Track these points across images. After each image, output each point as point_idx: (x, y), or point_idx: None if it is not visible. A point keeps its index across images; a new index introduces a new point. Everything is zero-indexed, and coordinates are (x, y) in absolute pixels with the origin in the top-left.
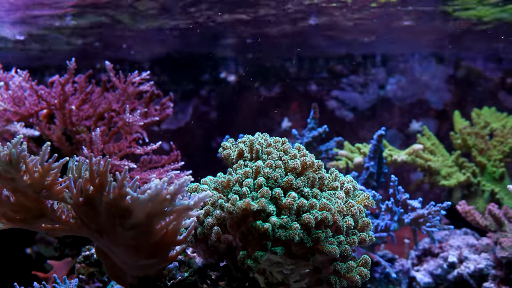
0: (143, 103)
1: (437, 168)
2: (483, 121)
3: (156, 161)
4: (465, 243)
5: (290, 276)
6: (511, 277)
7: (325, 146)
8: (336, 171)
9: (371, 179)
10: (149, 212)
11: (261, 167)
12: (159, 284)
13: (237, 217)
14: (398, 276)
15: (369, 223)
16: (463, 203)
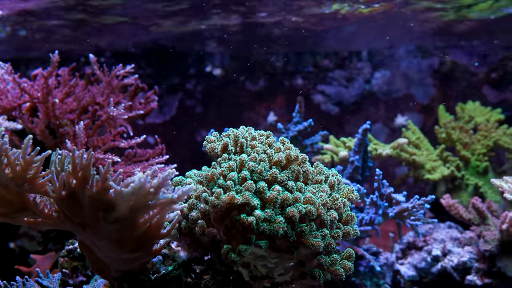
0: (127, 96)
1: (421, 162)
2: (468, 115)
3: (140, 155)
4: (449, 237)
5: (274, 270)
6: (493, 270)
7: (311, 140)
8: (320, 164)
9: (356, 173)
10: (132, 205)
11: (246, 161)
12: (143, 277)
13: (221, 211)
14: (382, 270)
15: (353, 216)
16: (447, 197)
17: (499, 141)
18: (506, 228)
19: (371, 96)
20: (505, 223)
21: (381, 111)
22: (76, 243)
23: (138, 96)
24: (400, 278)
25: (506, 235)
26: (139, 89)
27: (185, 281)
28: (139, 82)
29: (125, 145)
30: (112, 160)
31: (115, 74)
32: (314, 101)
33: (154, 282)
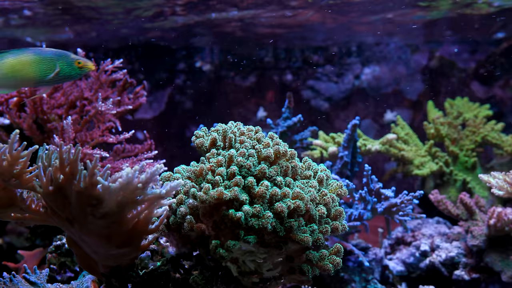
0: (116, 91)
1: (410, 158)
2: (456, 111)
3: (129, 150)
4: (437, 232)
5: (263, 265)
6: (481, 265)
7: (300, 135)
8: (309, 160)
9: (345, 168)
10: (120, 201)
11: (234, 156)
12: (131, 273)
13: (209, 206)
14: (371, 265)
15: (341, 211)
16: (436, 192)
17: (487, 137)
18: (494, 224)
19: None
20: (493, 218)
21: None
22: (64, 239)
23: (127, 91)
24: (389, 273)
25: (493, 230)
26: (128, 84)
27: (174, 277)
28: (127, 77)
29: (114, 140)
30: (100, 156)
31: (104, 69)
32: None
33: (143, 278)
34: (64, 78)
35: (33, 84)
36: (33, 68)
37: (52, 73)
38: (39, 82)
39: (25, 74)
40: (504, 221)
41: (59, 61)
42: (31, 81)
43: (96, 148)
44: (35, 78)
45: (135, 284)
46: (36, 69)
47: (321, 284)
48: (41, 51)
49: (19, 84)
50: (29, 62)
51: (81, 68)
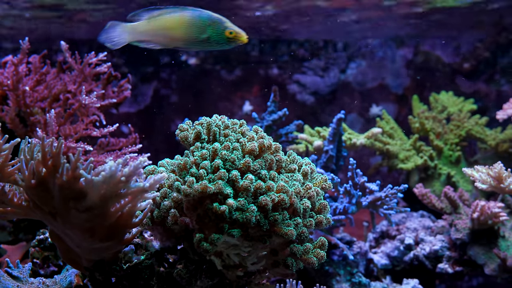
0: (100, 84)
1: (395, 152)
2: (441, 105)
3: (113, 144)
4: (421, 226)
5: (247, 259)
6: (464, 258)
7: (285, 129)
8: (294, 153)
9: (330, 162)
10: (103, 194)
11: (219, 149)
12: (115, 267)
13: (193, 200)
14: (356, 258)
15: (326, 205)
16: (420, 186)
17: (471, 131)
18: (477, 217)
19: (347, 86)
20: (476, 212)
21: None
22: (47, 233)
23: (111, 84)
24: (373, 267)
25: (477, 223)
26: (112, 77)
27: (158, 270)
28: (112, 70)
29: (98, 133)
30: (84, 149)
31: (88, 62)
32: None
33: (126, 272)
34: (211, 45)
35: (181, 44)
36: (184, 29)
37: (200, 37)
38: (187, 44)
39: (175, 33)
40: (487, 214)
41: (210, 27)
42: (179, 41)
43: (80, 141)
44: (183, 39)
45: (119, 278)
46: (186, 31)
47: (306, 277)
48: (198, 14)
49: (169, 43)
50: (182, 22)
51: (230, 39)
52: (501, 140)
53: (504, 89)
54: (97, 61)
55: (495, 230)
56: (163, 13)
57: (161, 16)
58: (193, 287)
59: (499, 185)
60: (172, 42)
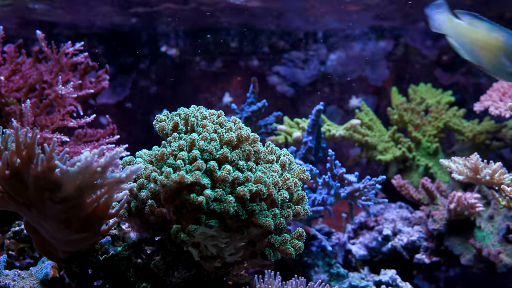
0: (77, 75)
1: (374, 143)
2: (419, 97)
3: (91, 135)
4: (399, 217)
5: (225, 250)
6: (441, 248)
7: (264, 120)
8: (272, 144)
9: (309, 153)
10: (79, 185)
11: (196, 140)
12: (91, 258)
13: (171, 191)
14: (334, 249)
15: (304, 196)
16: (398, 177)
17: (449, 123)
18: (454, 208)
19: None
20: (453, 202)
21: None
22: (23, 225)
23: (89, 75)
24: (352, 258)
25: (453, 214)
26: (90, 67)
27: (135, 262)
28: (89, 60)
29: (74, 124)
30: (60, 140)
31: (64, 52)
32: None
33: (103, 263)
34: None
35: (487, 67)
36: (493, 55)
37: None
38: (492, 70)
39: (483, 54)
40: (464, 205)
41: None
42: (486, 64)
43: (56, 132)
44: (489, 64)
45: (95, 269)
46: (494, 57)
47: (284, 268)
48: None
49: (475, 60)
50: (493, 46)
51: None
52: (478, 132)
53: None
54: (74, 50)
55: (471, 220)
56: (481, 25)
57: (477, 28)
58: (170, 278)
59: (475, 176)
60: (479, 61)
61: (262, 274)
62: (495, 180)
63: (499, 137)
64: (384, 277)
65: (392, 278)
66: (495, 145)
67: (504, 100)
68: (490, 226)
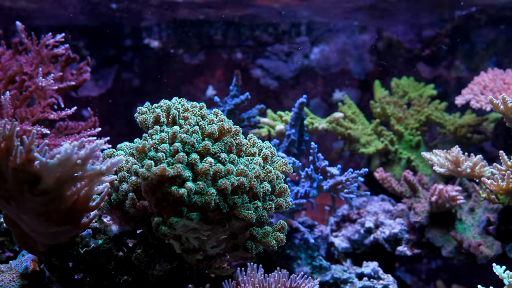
0: (58, 67)
1: (356, 136)
2: (402, 90)
3: (72, 127)
4: (381, 209)
5: (207, 242)
6: (423, 240)
7: (248, 113)
8: (254, 137)
9: (292, 146)
10: (59, 177)
11: (178, 132)
12: (72, 252)
13: (152, 183)
14: (317, 242)
15: (286, 188)
16: (380, 170)
17: (431, 116)
18: (435, 200)
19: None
20: (434, 195)
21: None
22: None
23: (70, 67)
24: (334, 250)
25: (435, 207)
26: (71, 59)
27: (116, 255)
28: (70, 52)
29: (55, 116)
30: (41, 132)
31: (45, 43)
32: (253, 75)
33: (84, 256)
34: None
35: None
36: None
37: None
38: None
39: None
40: (445, 198)
41: None
42: None
43: (37, 125)
44: None
45: (76, 263)
46: None
47: (267, 261)
48: None
49: None
50: None
51: None
52: (460, 125)
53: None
54: (54, 42)
55: (452, 213)
56: None
57: None
58: (152, 271)
59: (456, 168)
60: None
61: (245, 267)
62: (476, 173)
63: (480, 130)
64: (366, 269)
65: (374, 270)
66: (476, 138)
67: (485, 94)
68: (471, 218)
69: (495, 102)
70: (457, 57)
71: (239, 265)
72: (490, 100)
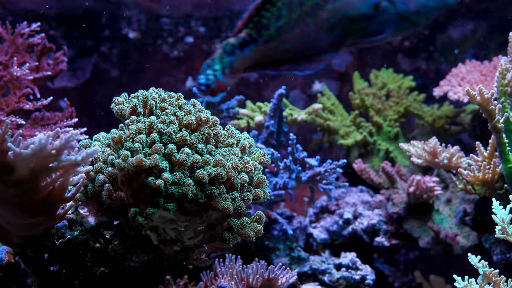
0: (34, 56)
1: (335, 128)
2: (381, 82)
3: (49, 118)
4: (360, 200)
5: (184, 233)
6: (400, 231)
7: (226, 104)
8: (232, 127)
9: (271, 137)
10: (33, 168)
11: (155, 123)
12: (47, 243)
13: (128, 174)
14: (295, 233)
15: (264, 179)
16: (359, 161)
17: (410, 108)
18: (413, 191)
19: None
20: (412, 186)
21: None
22: None
23: (46, 56)
24: (313, 241)
25: (413, 198)
26: (47, 49)
27: (93, 246)
28: (46, 41)
29: (31, 107)
30: (16, 123)
31: (20, 32)
32: None
33: (59, 248)
34: None
35: None
36: None
37: None
38: None
39: None
40: (423, 188)
41: None
42: None
43: (12, 115)
44: None
45: (52, 254)
46: None
47: (246, 252)
48: None
49: None
50: None
51: None
52: (438, 117)
53: (442, 67)
54: (30, 31)
55: (430, 204)
56: None
57: None
58: (128, 262)
59: (433, 159)
60: None
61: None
62: (453, 164)
63: (458, 121)
64: (344, 260)
65: (352, 261)
66: (453, 129)
67: (463, 85)
68: (448, 209)
69: (472, 93)
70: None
71: (217, 257)
72: (467, 91)
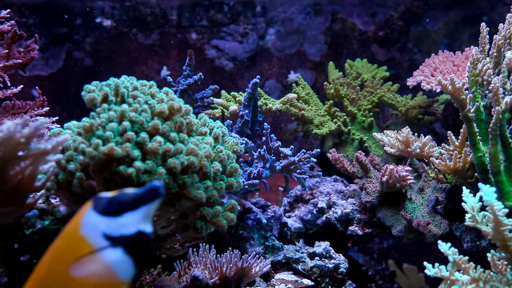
0: (4, 44)
1: (310, 117)
2: (355, 72)
3: (20, 107)
4: (334, 190)
5: (157, 223)
6: (374, 220)
7: (201, 94)
8: (205, 116)
9: (246, 127)
10: (1, 156)
11: (126, 111)
12: (17, 233)
13: (100, 163)
14: (270, 222)
15: (237, 168)
16: (333, 151)
17: (384, 97)
18: (386, 180)
19: (265, 52)
20: (385, 175)
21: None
22: None
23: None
24: (287, 231)
25: (386, 187)
26: (17, 36)
27: None
28: (16, 29)
29: (0, 95)
30: None
31: None
32: (208, 56)
33: (30, 237)
34: None
35: None
36: None
37: None
38: None
39: None
40: (396, 177)
41: None
42: None
43: None
44: None
45: (22, 244)
46: None
47: (220, 242)
48: None
49: None
50: None
51: None
52: (411, 107)
53: (416, 58)
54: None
55: (402, 193)
56: None
57: None
58: None
59: (406, 149)
60: None
61: (197, 247)
62: (425, 153)
63: (431, 111)
64: (318, 249)
65: (325, 250)
66: (427, 119)
67: (436, 75)
68: (420, 198)
69: (444, 83)
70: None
71: (192, 246)
72: (439, 81)
